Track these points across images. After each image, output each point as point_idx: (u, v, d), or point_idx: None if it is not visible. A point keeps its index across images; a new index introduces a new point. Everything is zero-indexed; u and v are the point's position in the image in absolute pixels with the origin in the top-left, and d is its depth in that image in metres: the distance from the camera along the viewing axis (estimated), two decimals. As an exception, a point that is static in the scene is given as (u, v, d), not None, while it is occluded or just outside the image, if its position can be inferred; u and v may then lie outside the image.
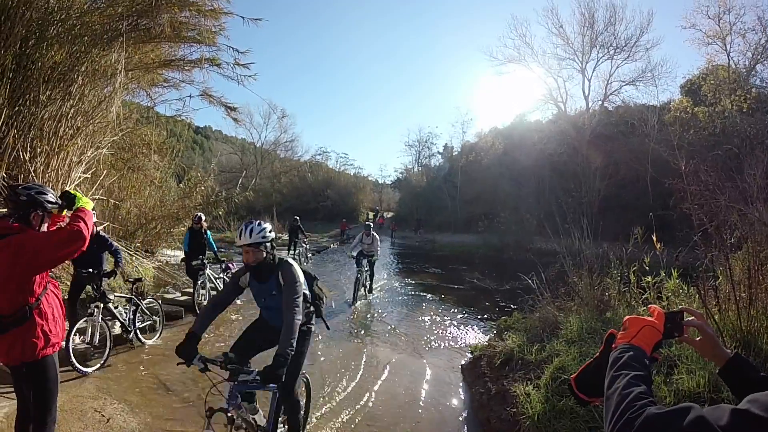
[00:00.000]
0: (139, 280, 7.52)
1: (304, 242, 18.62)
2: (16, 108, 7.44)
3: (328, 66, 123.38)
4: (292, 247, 18.33)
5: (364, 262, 10.76)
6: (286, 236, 20.13)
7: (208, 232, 9.28)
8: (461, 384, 5.77)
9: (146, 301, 7.19)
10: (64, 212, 3.05)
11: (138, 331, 6.67)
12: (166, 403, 4.85)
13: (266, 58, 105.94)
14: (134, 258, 10.20)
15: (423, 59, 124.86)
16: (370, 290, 11.38)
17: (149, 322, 7.01)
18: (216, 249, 9.49)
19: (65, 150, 8.40)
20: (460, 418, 4.86)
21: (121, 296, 6.84)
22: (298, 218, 19.10)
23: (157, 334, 7.02)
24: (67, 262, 6.55)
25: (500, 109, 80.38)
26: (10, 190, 2.81)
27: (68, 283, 6.79)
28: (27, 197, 2.74)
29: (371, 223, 11.65)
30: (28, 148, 7.68)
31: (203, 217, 9.24)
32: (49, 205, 2.86)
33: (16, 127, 7.44)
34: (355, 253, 11.00)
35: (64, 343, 3.47)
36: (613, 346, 1.20)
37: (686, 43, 54.67)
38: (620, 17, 28.56)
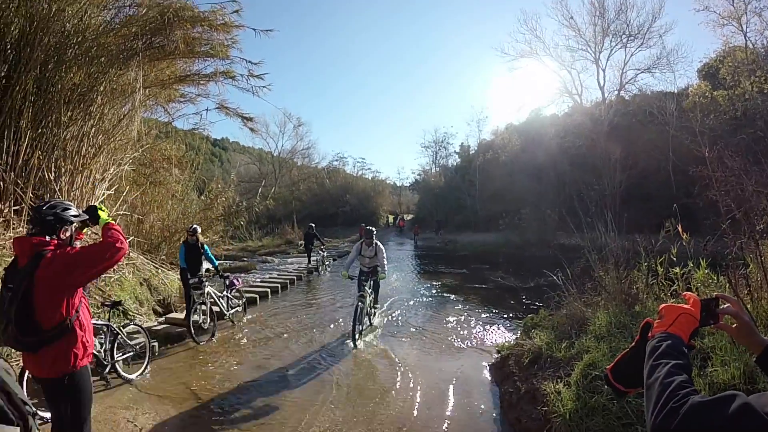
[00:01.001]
0: (119, 303, 6.38)
1: (321, 249, 17.81)
2: (40, 130, 7.64)
3: (339, 70, 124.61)
4: (309, 255, 17.63)
5: (367, 284, 8.17)
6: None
7: (206, 246, 8.47)
8: (490, 384, 5.73)
9: (128, 328, 6.10)
10: (84, 229, 3.12)
11: (117, 364, 5.54)
12: (196, 410, 4.90)
13: (277, 66, 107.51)
14: (160, 271, 10.36)
15: (436, 59, 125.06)
16: (375, 303, 8.87)
17: (131, 353, 5.81)
18: (216, 263, 8.70)
19: (88, 168, 8.59)
20: (490, 418, 4.82)
21: (96, 323, 5.34)
22: (314, 225, 18.41)
23: (143, 367, 5.92)
24: None
25: (515, 106, 79.89)
26: (34, 211, 2.86)
27: None
28: (54, 216, 2.80)
29: (373, 229, 8.78)
30: (53, 168, 7.87)
31: (198, 229, 8.36)
32: (75, 219, 2.93)
33: (41, 149, 7.64)
34: (349, 272, 8.48)
35: None
36: (650, 335, 1.18)
37: (701, 26, 53.52)
38: (631, 4, 28.28)
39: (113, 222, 3.01)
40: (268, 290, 11.77)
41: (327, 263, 18.09)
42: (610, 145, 26.11)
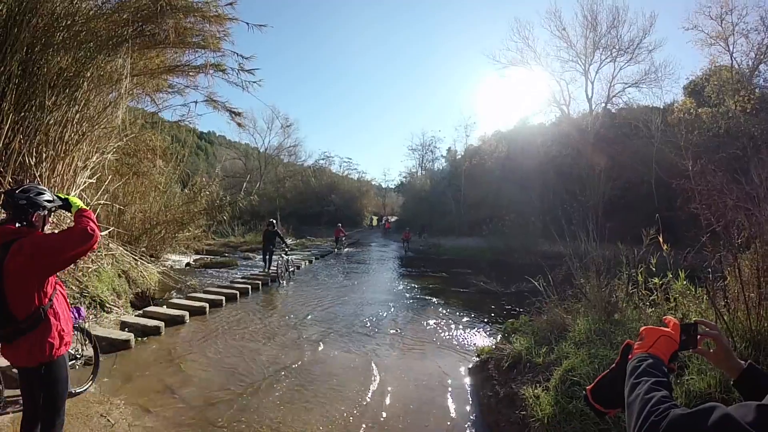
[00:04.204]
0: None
1: (285, 252, 14.44)
2: (22, 113, 7.48)
3: (334, 72, 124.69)
4: (267, 258, 14.03)
5: None
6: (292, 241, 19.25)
7: None
8: (469, 387, 5.74)
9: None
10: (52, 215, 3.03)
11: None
12: (171, 406, 4.83)
13: (273, 65, 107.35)
14: (139, 263, 10.21)
15: (427, 63, 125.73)
16: None
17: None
18: None
19: (71, 155, 8.44)
20: (469, 422, 4.83)
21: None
22: (274, 221, 15.17)
23: (90, 378, 5.00)
24: None
25: (503, 113, 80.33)
26: (7, 195, 2.79)
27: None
28: (26, 200, 2.73)
29: None
30: (34, 153, 7.72)
31: None
32: (48, 204, 2.86)
33: (22, 133, 7.48)
34: None
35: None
36: (630, 356, 1.21)
37: (689, 45, 54.39)
38: (623, 19, 28.61)
39: (86, 208, 2.95)
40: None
41: (291, 270, 14.72)
42: (595, 156, 26.42)
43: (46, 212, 2.86)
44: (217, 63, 11.06)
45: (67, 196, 2.98)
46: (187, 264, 16.57)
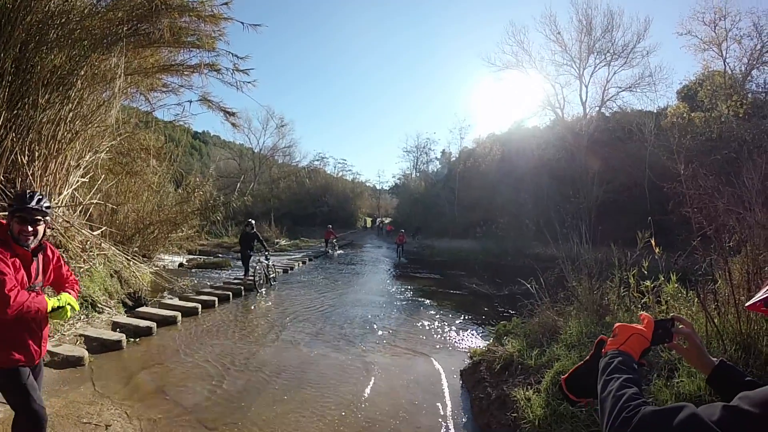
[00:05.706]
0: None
1: (266, 257, 12.58)
2: (15, 111, 7.43)
3: (331, 74, 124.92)
4: (246, 265, 12.74)
5: None
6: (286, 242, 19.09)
7: None
8: (461, 389, 5.74)
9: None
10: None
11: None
12: (163, 408, 4.81)
13: (269, 66, 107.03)
14: (131, 263, 10.15)
15: (423, 66, 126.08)
16: None
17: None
18: None
19: (63, 154, 8.39)
20: (460, 423, 4.83)
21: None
22: (253, 222, 13.61)
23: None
24: None
25: (498, 116, 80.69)
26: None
27: None
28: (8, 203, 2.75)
29: None
30: (26, 152, 7.67)
31: None
32: (11, 209, 2.78)
33: (15, 131, 7.43)
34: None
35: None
36: (603, 351, 1.26)
37: (683, 50, 55.12)
38: (617, 24, 28.68)
39: (49, 304, 2.74)
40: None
41: (273, 276, 13.04)
42: (588, 159, 26.55)
43: (17, 218, 2.71)
44: (211, 62, 11.07)
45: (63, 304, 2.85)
46: (180, 264, 16.53)
